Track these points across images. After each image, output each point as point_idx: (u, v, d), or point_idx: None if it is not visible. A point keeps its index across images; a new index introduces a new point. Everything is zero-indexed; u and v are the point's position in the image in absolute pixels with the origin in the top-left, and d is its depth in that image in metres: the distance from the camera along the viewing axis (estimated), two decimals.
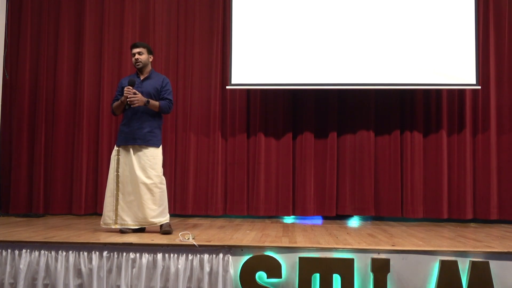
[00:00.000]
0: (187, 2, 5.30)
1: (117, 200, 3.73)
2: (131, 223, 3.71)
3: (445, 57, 4.83)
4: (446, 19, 4.85)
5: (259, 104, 5.17)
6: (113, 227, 3.72)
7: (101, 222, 3.77)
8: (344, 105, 5.14)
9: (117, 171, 3.76)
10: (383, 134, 5.08)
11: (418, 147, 5.00)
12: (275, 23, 4.98)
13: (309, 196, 5.02)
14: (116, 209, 3.72)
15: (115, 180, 3.75)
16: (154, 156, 3.75)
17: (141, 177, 3.68)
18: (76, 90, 5.30)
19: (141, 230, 3.75)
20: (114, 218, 3.72)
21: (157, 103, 3.76)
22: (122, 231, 3.70)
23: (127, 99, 3.65)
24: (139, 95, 3.66)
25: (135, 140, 3.72)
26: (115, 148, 3.83)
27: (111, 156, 3.83)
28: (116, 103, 3.85)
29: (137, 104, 3.66)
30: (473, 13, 4.84)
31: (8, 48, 5.41)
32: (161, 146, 3.84)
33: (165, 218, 3.75)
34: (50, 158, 5.26)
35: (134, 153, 3.73)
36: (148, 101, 3.69)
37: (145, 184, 3.68)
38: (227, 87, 5.05)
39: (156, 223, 3.70)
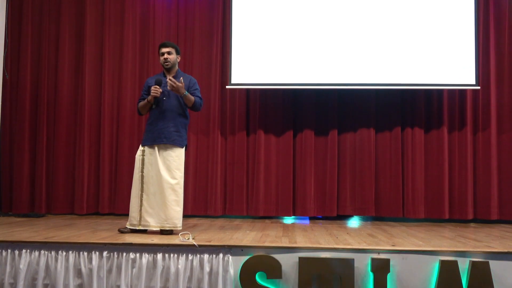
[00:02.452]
0: (187, 2, 5.31)
1: (141, 201, 3.70)
2: (153, 225, 3.65)
3: (445, 57, 4.83)
4: (446, 19, 4.85)
5: (258, 104, 5.17)
6: (137, 228, 3.68)
7: (127, 223, 3.74)
8: (344, 104, 5.13)
9: (142, 171, 3.72)
10: (383, 134, 5.08)
11: (419, 147, 4.99)
12: (275, 23, 4.98)
13: (309, 196, 5.02)
14: (140, 210, 3.69)
15: (140, 181, 3.72)
16: (179, 156, 3.73)
17: (166, 177, 3.65)
18: (77, 89, 5.31)
19: (143, 231, 3.72)
20: (138, 219, 3.69)
21: (192, 97, 3.76)
22: (121, 231, 3.69)
23: (170, 86, 3.61)
24: (183, 84, 3.65)
25: (161, 139, 3.70)
26: (140, 148, 3.79)
27: (136, 156, 3.80)
28: (142, 103, 3.83)
29: (178, 93, 3.63)
30: (473, 13, 4.84)
31: (9, 48, 5.41)
32: (185, 147, 3.81)
33: (181, 222, 3.72)
34: (52, 158, 5.26)
35: (159, 153, 3.70)
36: (186, 92, 3.68)
37: (171, 185, 3.65)
38: (227, 87, 5.05)
39: (178, 226, 3.65)
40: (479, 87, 4.86)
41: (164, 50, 3.81)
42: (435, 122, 5.03)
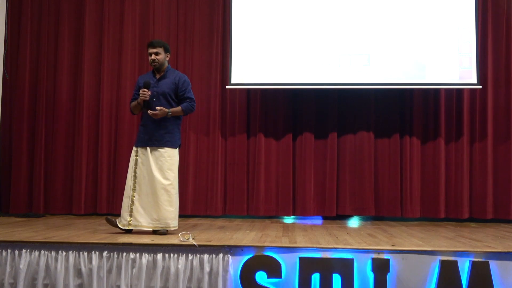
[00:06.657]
0: (187, 2, 5.30)
1: (132, 201, 3.68)
2: (145, 225, 3.64)
3: (445, 57, 4.83)
4: (447, 19, 4.85)
5: (259, 104, 5.17)
6: (127, 228, 3.66)
7: (118, 223, 3.73)
8: (344, 105, 5.13)
9: (135, 171, 3.72)
10: (382, 135, 5.08)
11: (416, 147, 5.01)
12: (275, 23, 4.98)
13: (309, 195, 5.02)
14: (131, 211, 3.67)
15: (132, 181, 3.71)
16: (171, 156, 3.71)
17: (158, 178, 3.64)
18: (76, 90, 5.30)
19: (128, 231, 3.69)
20: (128, 219, 3.67)
21: (179, 109, 3.74)
22: (109, 220, 3.78)
23: (150, 111, 3.65)
24: (160, 110, 3.63)
25: (153, 141, 3.69)
26: (134, 148, 3.79)
27: (130, 157, 3.79)
28: (133, 103, 3.82)
29: (159, 117, 3.64)
30: (473, 13, 4.83)
31: (8, 48, 5.40)
32: (178, 147, 3.80)
33: (177, 222, 3.72)
34: (50, 158, 5.25)
35: (152, 154, 3.69)
36: (169, 112, 3.67)
37: (163, 185, 3.63)
38: (227, 87, 5.04)
39: (171, 227, 3.64)
40: (480, 86, 4.85)
41: (152, 50, 3.75)
42: (433, 124, 5.04)
